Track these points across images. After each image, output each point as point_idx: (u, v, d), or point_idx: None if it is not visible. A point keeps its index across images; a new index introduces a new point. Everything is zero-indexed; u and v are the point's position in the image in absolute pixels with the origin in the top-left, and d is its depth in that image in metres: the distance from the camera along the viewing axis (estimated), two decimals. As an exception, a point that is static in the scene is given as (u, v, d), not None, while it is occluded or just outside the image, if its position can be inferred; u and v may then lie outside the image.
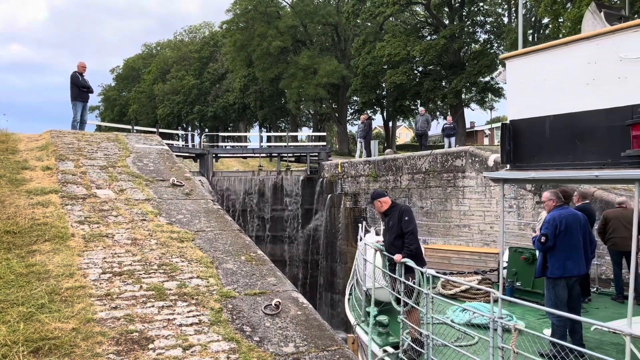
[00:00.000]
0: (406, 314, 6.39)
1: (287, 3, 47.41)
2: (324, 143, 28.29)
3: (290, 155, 25.39)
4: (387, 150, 22.99)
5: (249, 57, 46.05)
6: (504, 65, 5.34)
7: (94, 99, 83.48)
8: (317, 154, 24.35)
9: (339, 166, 21.33)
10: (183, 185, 8.00)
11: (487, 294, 8.23)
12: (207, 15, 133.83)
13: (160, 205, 7.09)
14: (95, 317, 4.26)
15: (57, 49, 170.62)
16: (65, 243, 5.47)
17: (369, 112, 45.81)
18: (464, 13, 36.86)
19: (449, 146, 20.40)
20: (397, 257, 6.67)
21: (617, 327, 4.31)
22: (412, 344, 6.12)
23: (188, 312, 4.63)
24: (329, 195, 21.49)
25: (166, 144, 25.19)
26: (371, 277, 7.58)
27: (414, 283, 6.17)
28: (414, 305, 6.19)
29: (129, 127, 23.13)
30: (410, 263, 6.37)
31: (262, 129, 60.96)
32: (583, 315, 6.84)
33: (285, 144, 25.76)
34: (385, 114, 47.45)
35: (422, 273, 6.07)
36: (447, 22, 37.69)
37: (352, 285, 9.54)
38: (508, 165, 5.16)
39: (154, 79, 68.84)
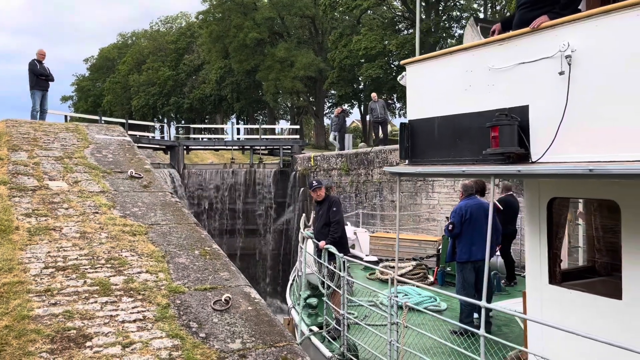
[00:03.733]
0: (330, 296, 6.87)
1: (264, -6, 46.95)
2: (298, 136, 28.07)
3: (264, 148, 25.16)
4: (361, 144, 22.93)
5: (225, 49, 45.51)
6: (405, 70, 5.82)
7: (67, 89, 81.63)
8: (290, 147, 24.16)
9: (312, 159, 21.21)
10: (142, 177, 7.80)
11: (420, 278, 8.76)
12: (189, 4, 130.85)
13: (116, 198, 6.89)
14: (32, 314, 4.08)
15: (32, 36, 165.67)
16: (7, 237, 5.25)
17: (346, 105, 45.76)
18: (440, 8, 36.96)
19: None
20: (322, 243, 7.30)
21: (475, 301, 5.00)
22: (333, 323, 6.58)
23: (133, 307, 4.48)
24: (302, 189, 21.38)
25: (140, 136, 24.66)
26: (305, 262, 8.19)
27: (335, 268, 6.65)
28: (335, 288, 6.63)
29: (97, 117, 22.59)
30: (332, 249, 6.83)
31: (240, 121, 60.45)
32: (505, 297, 7.62)
33: (258, 136, 25.54)
34: (362, 108, 47.43)
35: (340, 259, 6.57)
36: (423, 16, 37.74)
37: (295, 272, 9.93)
38: (407, 161, 5.64)
39: (129, 69, 67.53)
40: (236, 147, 25.13)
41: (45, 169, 7.45)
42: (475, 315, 6.61)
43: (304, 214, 9.79)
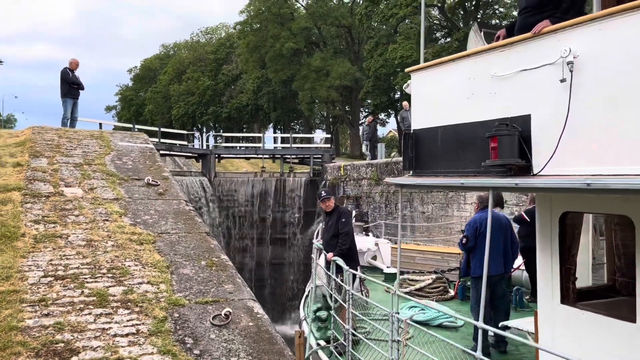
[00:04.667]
0: (338, 309, 6.66)
1: (302, 5, 47.18)
2: (328, 145, 27.79)
3: (294, 157, 24.97)
4: (393, 154, 22.47)
5: (262, 59, 45.87)
6: (410, 78, 5.69)
7: (112, 99, 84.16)
8: (321, 156, 23.89)
9: (342, 169, 20.89)
10: (158, 184, 7.70)
11: (441, 293, 8.29)
12: (232, 15, 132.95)
13: (129, 205, 6.79)
14: (21, 325, 3.95)
15: (81, 48, 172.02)
16: (11, 243, 5.19)
17: (382, 115, 45.29)
18: (478, 16, 36.21)
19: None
20: (329, 255, 7.08)
21: (472, 321, 5.04)
22: (341, 338, 6.37)
23: (127, 320, 4.30)
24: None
25: (172, 144, 24.79)
26: (316, 274, 8.08)
27: (342, 281, 6.38)
28: (341, 301, 6.42)
29: (130, 125, 22.95)
30: (339, 262, 6.62)
31: (277, 130, 60.75)
32: (528, 314, 7.05)
33: (289, 145, 25.42)
34: (398, 117, 46.84)
35: (347, 272, 6.32)
36: (461, 24, 37.05)
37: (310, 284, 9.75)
38: (411, 172, 5.47)
39: (169, 79, 68.93)
40: (267, 156, 25.02)
41: (63, 175, 7.44)
42: (491, 332, 6.22)
43: (321, 224, 9.57)
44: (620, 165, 3.32)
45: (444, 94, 5.04)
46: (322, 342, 6.80)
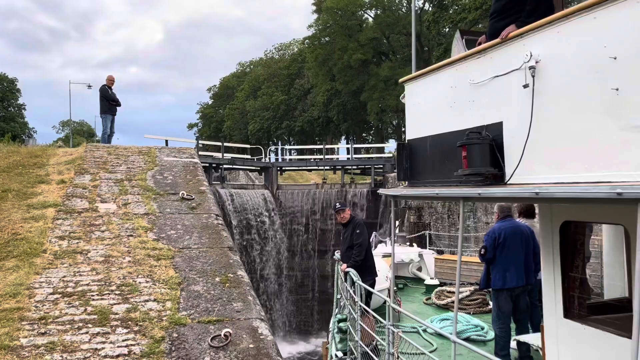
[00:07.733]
0: (353, 321, 6.53)
1: (370, 16, 47.01)
2: (390, 155, 27.15)
3: (355, 167, 24.55)
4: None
5: (331, 71, 46.14)
6: (404, 89, 5.64)
7: (193, 117, 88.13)
8: (382, 166, 23.32)
9: (404, 179, 20.21)
10: (192, 198, 7.68)
11: (479, 305, 7.72)
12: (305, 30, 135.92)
13: (157, 220, 6.78)
14: (13, 344, 3.92)
15: (169, 69, 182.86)
16: (30, 260, 5.27)
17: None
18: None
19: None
20: (343, 266, 7.10)
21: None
22: (354, 349, 6.35)
23: (123, 340, 4.17)
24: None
25: (235, 158, 25.18)
26: (338, 286, 8.03)
27: (353, 292, 6.33)
28: (354, 314, 6.29)
29: (194, 142, 23.66)
30: (352, 273, 6.56)
31: (348, 141, 60.73)
32: None
33: (349, 156, 25.12)
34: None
35: (357, 284, 6.26)
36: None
37: None
38: (406, 182, 5.34)
39: (246, 96, 71.18)
40: (327, 167, 24.75)
41: (101, 191, 7.60)
42: (513, 345, 5.97)
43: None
44: (580, 172, 3.17)
45: (431, 103, 4.99)
46: (340, 354, 6.74)
